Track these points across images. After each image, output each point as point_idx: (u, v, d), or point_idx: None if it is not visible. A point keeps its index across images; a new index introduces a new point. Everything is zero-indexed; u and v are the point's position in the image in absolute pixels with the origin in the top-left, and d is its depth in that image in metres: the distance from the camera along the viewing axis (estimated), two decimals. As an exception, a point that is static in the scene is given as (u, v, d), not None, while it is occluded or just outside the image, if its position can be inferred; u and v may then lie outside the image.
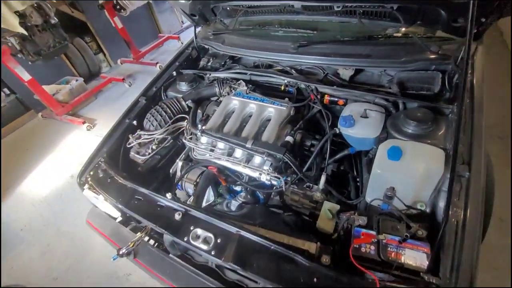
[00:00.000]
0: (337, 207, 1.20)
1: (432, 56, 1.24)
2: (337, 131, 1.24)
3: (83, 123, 3.32)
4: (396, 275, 0.84)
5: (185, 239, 1.01)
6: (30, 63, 2.87)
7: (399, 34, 1.27)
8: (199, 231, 1.01)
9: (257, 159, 1.24)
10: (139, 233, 1.28)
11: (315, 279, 0.83)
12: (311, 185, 1.33)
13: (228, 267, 0.91)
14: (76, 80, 3.77)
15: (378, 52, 1.35)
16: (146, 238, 1.31)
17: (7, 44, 2.68)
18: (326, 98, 1.41)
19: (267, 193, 1.39)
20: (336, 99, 1.40)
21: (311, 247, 0.94)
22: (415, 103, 1.23)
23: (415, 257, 0.88)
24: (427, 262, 0.85)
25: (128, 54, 4.58)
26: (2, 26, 2.53)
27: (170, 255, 1.20)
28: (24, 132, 3.52)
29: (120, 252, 1.24)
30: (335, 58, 1.41)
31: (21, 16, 2.61)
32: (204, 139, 1.35)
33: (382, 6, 1.16)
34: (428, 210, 1.04)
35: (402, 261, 0.88)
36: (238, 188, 1.47)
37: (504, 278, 1.58)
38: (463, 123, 1.05)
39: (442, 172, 0.98)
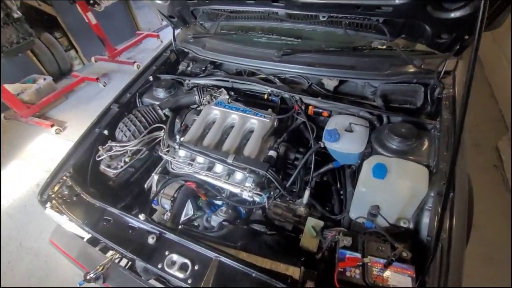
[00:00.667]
0: (321, 224, 1.16)
1: (416, 70, 1.24)
2: (322, 145, 1.21)
3: (52, 126, 3.06)
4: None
5: (159, 266, 0.92)
6: (-11, 60, 2.60)
7: (384, 47, 1.26)
8: (174, 256, 0.93)
9: (239, 175, 1.17)
10: (110, 252, 1.18)
11: (299, 310, 0.78)
12: (292, 198, 1.29)
13: (207, 297, 0.84)
14: (44, 79, 3.49)
15: (363, 64, 1.33)
16: (117, 259, 1.20)
17: (-39, 39, 2.41)
18: (311, 109, 1.38)
19: (249, 208, 1.33)
20: (320, 110, 1.37)
21: (295, 272, 0.89)
22: (398, 118, 1.23)
23: (400, 281, 0.85)
24: (412, 286, 0.83)
25: (103, 52, 4.33)
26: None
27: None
28: (-17, 135, 3.20)
29: (88, 277, 1.13)
30: (320, 68, 1.37)
31: (-22, 8, 2.36)
32: (182, 152, 1.27)
33: (368, 18, 1.13)
34: (411, 227, 1.04)
35: (387, 285, 0.85)
36: (219, 202, 1.40)
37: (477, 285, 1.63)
38: (445, 140, 1.05)
39: (426, 191, 0.97)
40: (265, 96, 1.49)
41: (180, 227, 1.37)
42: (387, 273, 0.87)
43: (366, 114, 1.27)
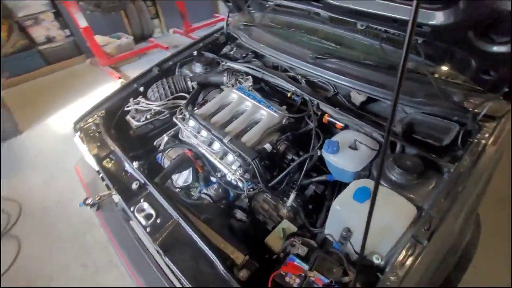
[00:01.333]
0: (294, 229, 1.15)
1: (451, 105, 1.10)
2: (318, 153, 1.17)
3: (119, 78, 3.56)
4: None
5: (132, 208, 1.04)
6: (88, 12, 3.13)
7: (424, 72, 1.14)
8: (145, 205, 1.04)
9: (230, 157, 1.22)
10: (110, 191, 1.36)
11: (222, 290, 0.81)
12: (285, 199, 1.29)
13: (154, 247, 0.93)
14: (127, 38, 4.04)
15: (395, 84, 1.23)
16: (117, 199, 1.38)
17: (72, -10, 2.96)
18: (326, 117, 1.34)
19: (238, 193, 1.37)
20: (335, 121, 1.32)
21: (238, 257, 0.91)
22: (414, 150, 1.11)
23: (336, 307, 0.81)
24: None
25: (180, 26, 4.78)
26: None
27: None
28: (70, 72, 3.89)
29: (86, 202, 1.32)
30: (348, 78, 1.32)
31: (92, -32, 2.86)
32: (191, 123, 1.37)
33: (404, 35, 1.04)
34: (382, 264, 0.95)
35: (321, 305, 0.81)
36: (214, 179, 1.47)
37: None
38: (450, 188, 0.92)
39: (403, 230, 0.88)
40: (289, 95, 1.49)
41: (178, 190, 1.49)
42: (327, 295, 0.83)
43: (379, 136, 1.18)
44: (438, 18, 0.83)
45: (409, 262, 0.78)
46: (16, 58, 3.48)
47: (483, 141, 1.03)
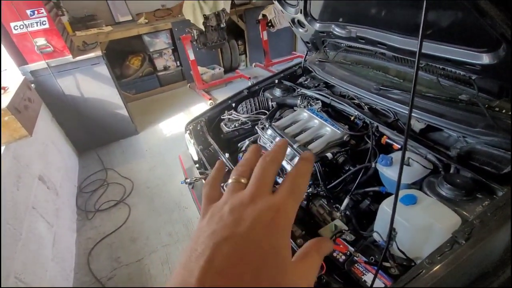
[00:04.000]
0: (345, 227, 1.34)
1: (507, 136, 1.18)
2: (372, 165, 1.37)
3: (209, 99, 4.39)
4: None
5: (222, 184, 1.43)
6: (197, 49, 4.08)
7: (478, 103, 1.26)
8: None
9: (297, 159, 1.53)
10: (203, 175, 1.82)
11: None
12: (339, 207, 1.50)
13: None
14: (219, 69, 4.96)
15: (454, 115, 1.36)
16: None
17: (190, 34, 3.96)
18: (384, 139, 1.53)
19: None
20: (392, 142, 1.50)
21: (297, 231, 1.18)
22: (468, 174, 1.21)
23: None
24: (380, 289, 0.94)
25: (262, 61, 5.56)
26: (192, 21, 3.77)
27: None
28: (175, 93, 5.00)
29: (186, 180, 1.81)
30: (407, 107, 1.51)
31: (206, 18, 3.79)
32: (269, 131, 1.75)
33: (459, 73, 1.22)
34: (425, 269, 1.06)
35: (360, 277, 0.99)
36: (279, 181, 1.79)
37: None
38: (498, 205, 1.00)
39: (447, 237, 0.99)
40: (352, 118, 1.75)
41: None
42: (366, 272, 1.01)
43: (433, 158, 1.32)
44: (484, 59, 1.02)
45: (443, 257, 0.90)
46: (142, 80, 4.72)
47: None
